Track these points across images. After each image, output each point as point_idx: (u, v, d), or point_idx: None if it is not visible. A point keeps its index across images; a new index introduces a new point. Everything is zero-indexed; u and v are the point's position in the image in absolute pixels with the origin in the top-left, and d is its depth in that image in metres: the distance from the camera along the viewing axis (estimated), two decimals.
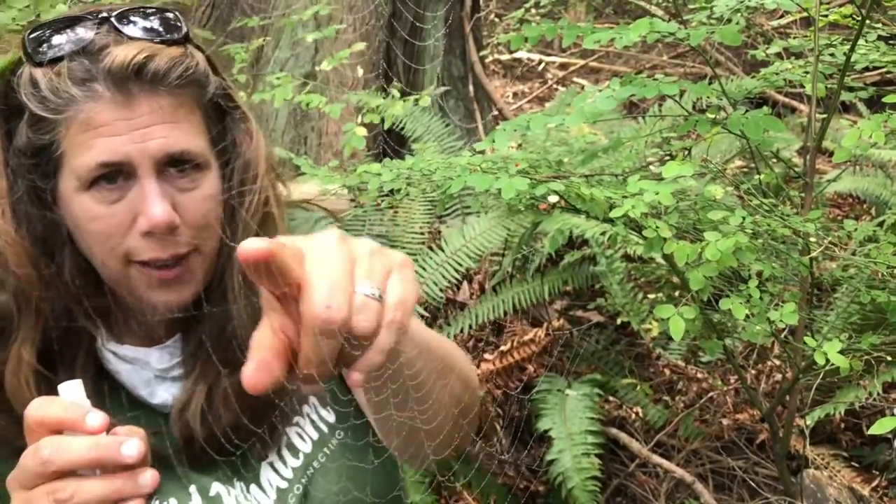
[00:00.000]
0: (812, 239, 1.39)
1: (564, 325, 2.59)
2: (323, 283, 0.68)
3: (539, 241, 2.81)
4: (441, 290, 2.70)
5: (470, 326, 2.71)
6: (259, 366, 0.71)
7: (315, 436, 1.17)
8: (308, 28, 3.04)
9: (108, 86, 0.97)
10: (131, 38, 0.99)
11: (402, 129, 3.25)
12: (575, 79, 5.82)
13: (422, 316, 2.66)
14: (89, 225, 1.00)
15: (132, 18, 1.01)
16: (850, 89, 1.73)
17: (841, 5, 1.81)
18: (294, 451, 1.14)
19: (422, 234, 2.88)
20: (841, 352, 1.34)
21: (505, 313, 2.72)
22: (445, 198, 1.42)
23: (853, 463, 2.31)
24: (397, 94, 2.30)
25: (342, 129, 2.03)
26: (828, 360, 1.37)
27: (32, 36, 0.99)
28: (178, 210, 1.00)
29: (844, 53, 1.58)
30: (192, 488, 1.06)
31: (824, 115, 1.64)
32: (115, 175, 0.98)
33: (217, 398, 1.05)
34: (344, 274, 0.69)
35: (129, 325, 1.08)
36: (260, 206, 1.07)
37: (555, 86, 5.78)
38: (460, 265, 2.73)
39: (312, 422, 1.17)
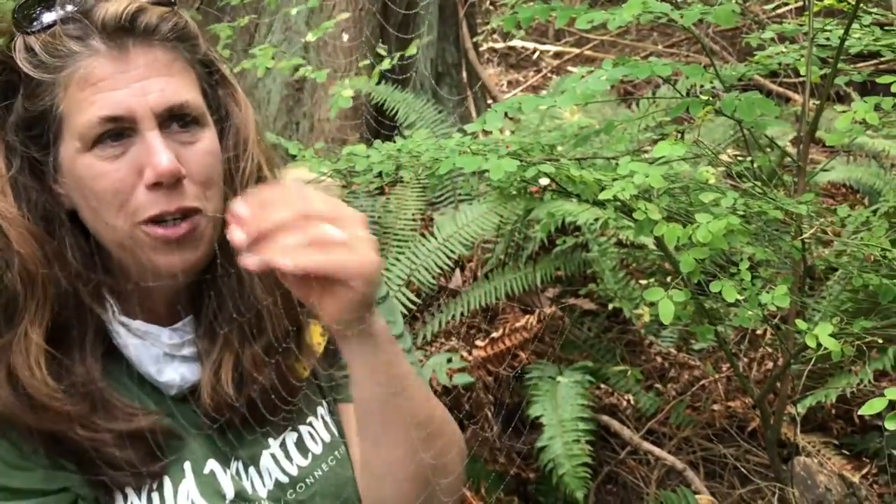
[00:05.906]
0: (804, 222, 1.38)
1: (556, 312, 2.58)
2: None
3: (532, 227, 2.79)
4: (433, 276, 2.69)
5: (462, 314, 2.69)
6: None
7: (327, 438, 1.17)
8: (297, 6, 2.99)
9: (103, 39, 0.99)
10: None
11: (395, 114, 3.23)
12: (569, 67, 5.80)
13: (413, 303, 2.64)
14: (95, 183, 0.99)
15: None
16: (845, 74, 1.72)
17: None
18: (304, 450, 1.14)
19: (414, 220, 2.86)
20: (832, 336, 1.33)
21: (497, 300, 2.71)
22: (434, 179, 1.41)
23: (844, 450, 2.31)
24: (384, 53, 2.28)
25: (330, 96, 2.03)
26: (819, 345, 1.36)
27: (22, 7, 1.00)
28: (182, 163, 1.00)
29: (839, 37, 1.57)
30: (186, 465, 1.06)
31: (818, 102, 1.63)
32: (117, 133, 0.99)
33: (246, 367, 1.07)
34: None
35: (140, 303, 1.08)
36: (254, 171, 1.09)
37: (549, 74, 5.76)
38: (453, 252, 2.72)
39: (326, 424, 1.17)
